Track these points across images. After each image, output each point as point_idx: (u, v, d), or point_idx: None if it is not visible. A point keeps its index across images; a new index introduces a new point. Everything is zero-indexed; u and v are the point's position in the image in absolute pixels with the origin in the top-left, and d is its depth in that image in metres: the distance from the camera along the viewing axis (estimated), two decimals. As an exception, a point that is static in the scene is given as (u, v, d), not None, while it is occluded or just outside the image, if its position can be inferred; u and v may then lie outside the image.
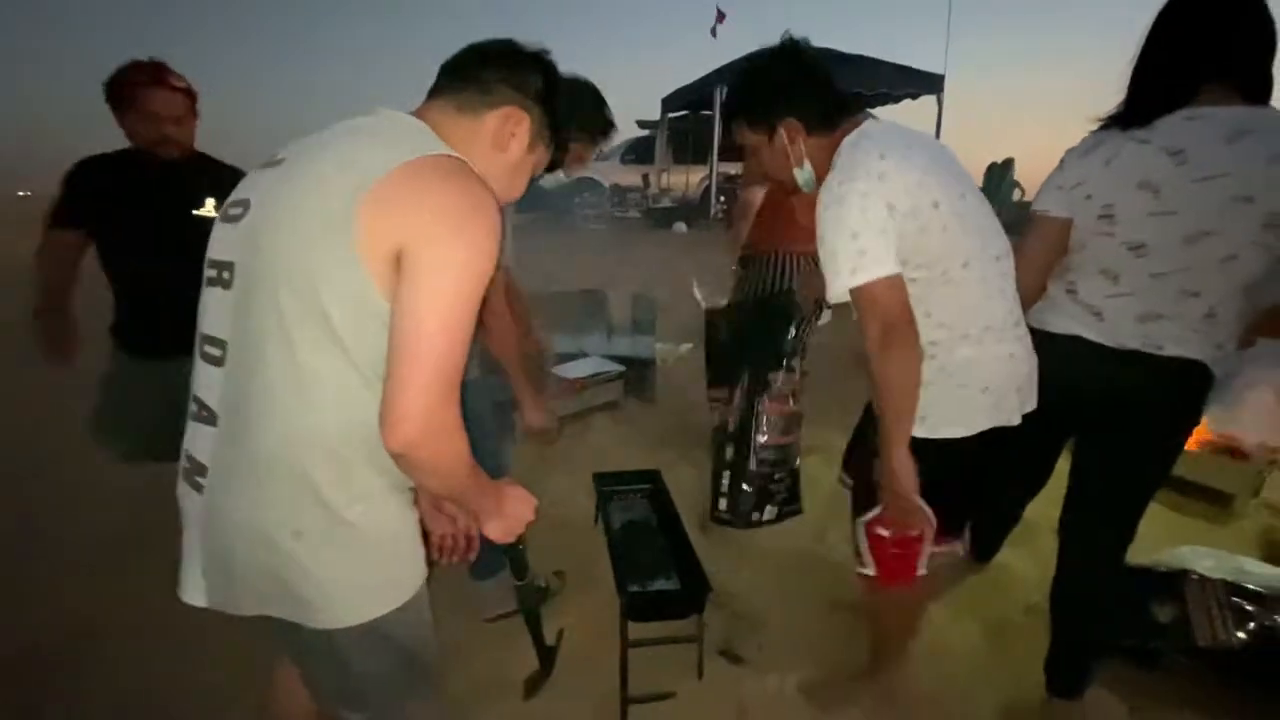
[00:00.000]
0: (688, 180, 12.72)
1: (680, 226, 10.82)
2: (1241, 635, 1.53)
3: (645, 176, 13.18)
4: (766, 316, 2.08)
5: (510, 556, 1.09)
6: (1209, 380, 1.19)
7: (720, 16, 11.03)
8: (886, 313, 1.05)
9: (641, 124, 13.67)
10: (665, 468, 2.19)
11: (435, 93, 0.85)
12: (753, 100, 1.20)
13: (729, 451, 1.99)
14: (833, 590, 1.84)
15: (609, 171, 13.04)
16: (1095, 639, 1.45)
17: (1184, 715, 1.47)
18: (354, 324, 0.71)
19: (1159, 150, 1.13)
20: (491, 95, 0.84)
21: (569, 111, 1.60)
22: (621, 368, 3.26)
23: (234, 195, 0.81)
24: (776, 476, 1.99)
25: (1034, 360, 1.22)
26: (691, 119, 12.19)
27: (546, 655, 1.37)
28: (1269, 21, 1.09)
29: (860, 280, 1.04)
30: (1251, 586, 1.65)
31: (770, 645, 1.70)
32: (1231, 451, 2.28)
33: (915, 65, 9.21)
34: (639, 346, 3.47)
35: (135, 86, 1.57)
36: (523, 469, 2.42)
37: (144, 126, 1.59)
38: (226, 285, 0.77)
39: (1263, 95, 1.10)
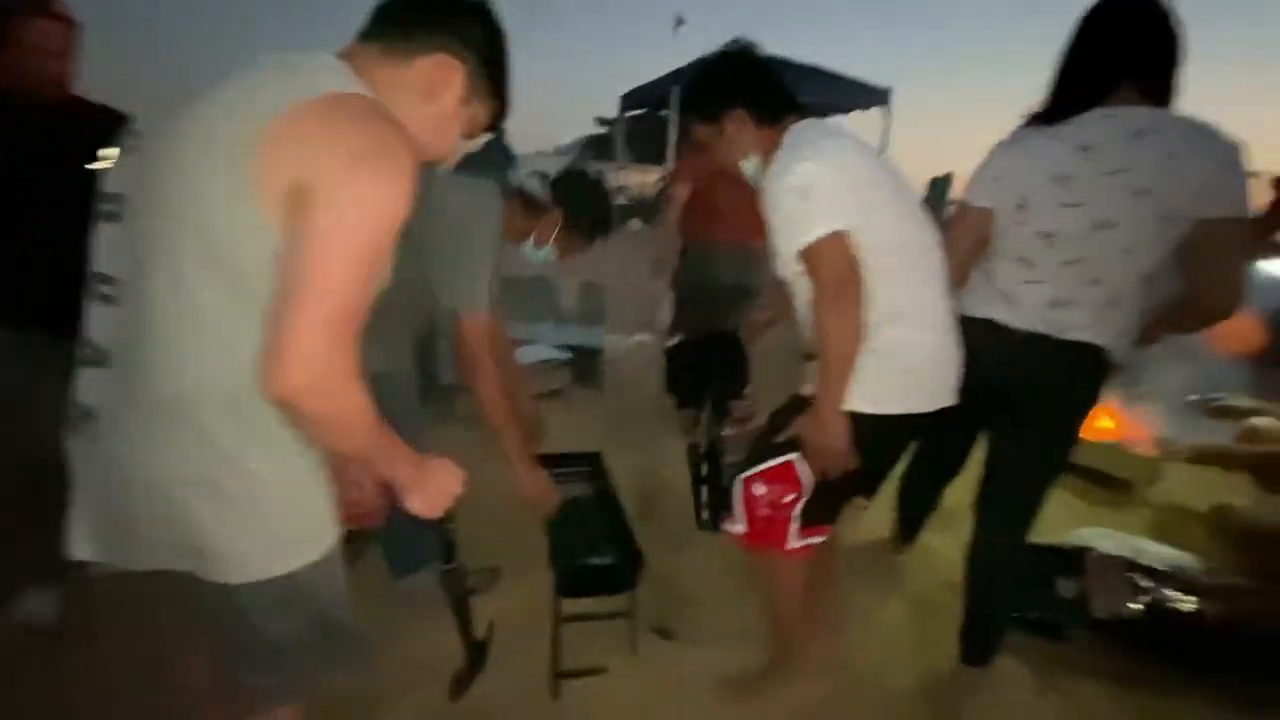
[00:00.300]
0: (644, 179, 12.75)
1: (636, 224, 10.83)
2: (1136, 607, 1.65)
3: (603, 173, 13.13)
4: (721, 350, 2.14)
5: (440, 536, 1.06)
6: (1108, 366, 1.28)
7: (679, 22, 11.14)
8: (837, 267, 1.10)
9: (600, 121, 13.63)
10: (610, 454, 2.19)
11: (365, 35, 0.81)
12: (703, 92, 1.28)
13: (704, 469, 2.10)
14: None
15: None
16: (1004, 611, 1.53)
17: (1083, 681, 1.58)
18: (251, 264, 0.67)
19: (1071, 145, 1.21)
20: (423, 40, 0.79)
21: (583, 205, 1.64)
22: (567, 355, 3.25)
23: (135, 127, 0.77)
24: None
25: (958, 355, 1.25)
26: (650, 118, 12.22)
27: (476, 649, 1.34)
28: (1176, 33, 1.19)
29: (812, 236, 1.09)
30: (1146, 563, 1.79)
31: (704, 622, 1.73)
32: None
33: (865, 79, 9.51)
34: (587, 336, 3.46)
35: (10, 16, 1.35)
36: (461, 456, 2.37)
37: (22, 62, 1.37)
38: (118, 220, 0.73)
39: (1166, 99, 1.20)
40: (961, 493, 1.77)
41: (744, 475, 1.32)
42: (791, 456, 1.26)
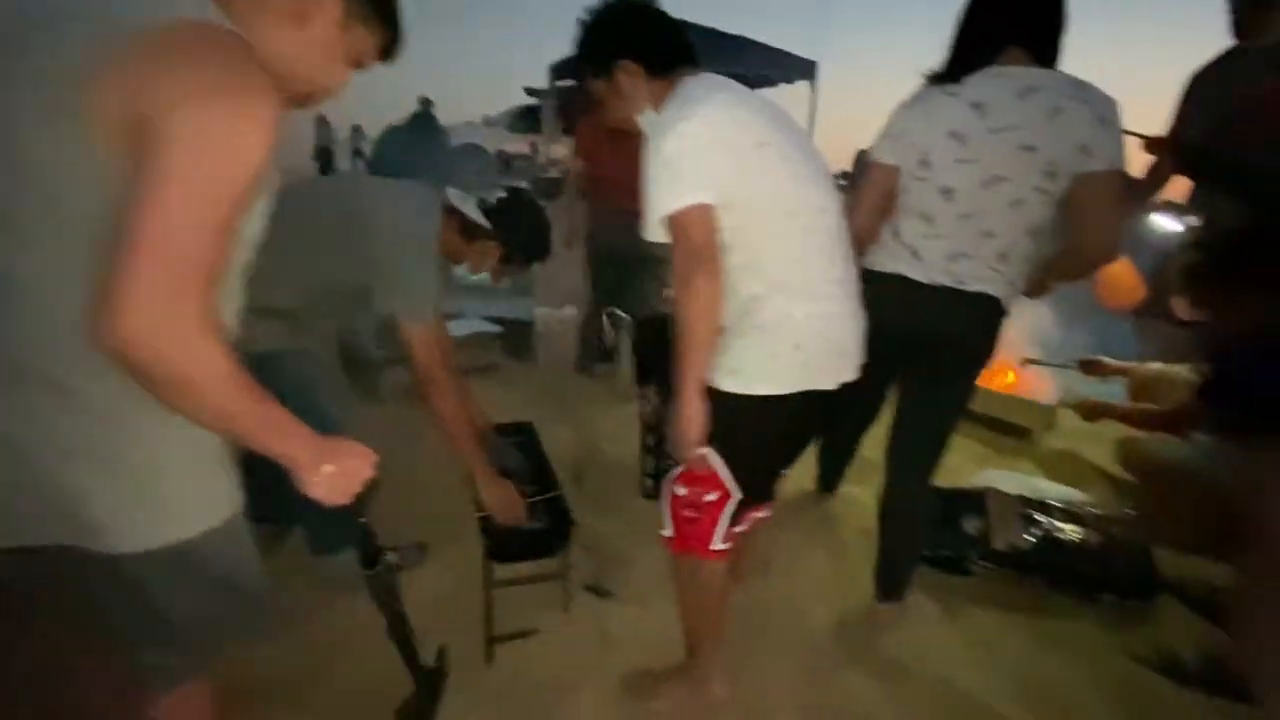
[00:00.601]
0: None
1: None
2: (1030, 539, 1.80)
3: (533, 145, 12.85)
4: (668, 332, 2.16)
5: (355, 532, 0.95)
6: (1003, 314, 1.37)
7: None
8: (694, 241, 1.03)
9: (529, 91, 13.26)
10: (542, 426, 2.18)
11: None
12: (593, 43, 1.19)
13: (651, 441, 2.16)
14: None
15: (494, 138, 12.58)
16: (914, 550, 1.64)
17: (985, 609, 1.71)
18: (95, 209, 0.61)
19: (965, 103, 1.27)
20: None
21: (522, 234, 1.56)
22: (498, 329, 3.20)
23: None
24: None
25: (859, 323, 1.20)
26: (581, 89, 11.99)
27: (426, 680, 1.21)
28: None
29: (673, 207, 1.03)
30: (1039, 499, 1.95)
31: (636, 580, 1.76)
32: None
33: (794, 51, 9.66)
34: (517, 308, 3.41)
35: None
36: (389, 434, 2.32)
37: None
38: None
39: (1051, 60, 1.27)
40: (879, 443, 1.88)
41: (669, 477, 1.26)
42: (704, 450, 1.16)
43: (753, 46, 9.03)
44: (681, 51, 1.18)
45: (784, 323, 1.10)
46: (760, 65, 9.02)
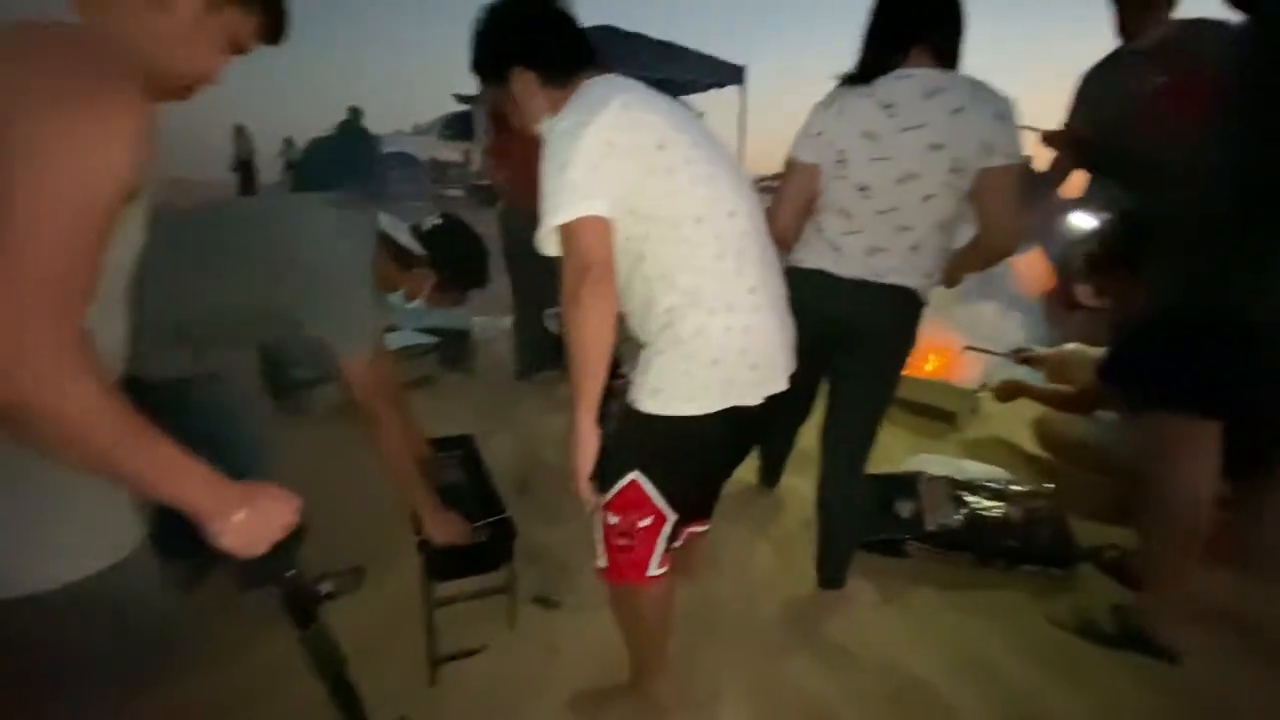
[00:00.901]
0: (511, 158, 12.41)
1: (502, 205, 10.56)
2: (958, 518, 1.89)
3: (466, 152, 12.62)
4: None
5: (281, 589, 0.82)
6: (921, 305, 1.43)
7: None
8: (586, 254, 0.96)
9: (460, 98, 13.02)
10: (485, 436, 2.14)
11: None
12: (485, 50, 1.12)
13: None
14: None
15: (427, 146, 12.28)
16: (852, 536, 1.69)
17: (920, 588, 1.78)
18: None
19: (877, 104, 1.33)
20: None
21: (459, 261, 1.49)
22: (433, 340, 3.12)
23: None
24: None
25: (784, 333, 1.16)
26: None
27: None
28: (959, 3, 1.33)
29: (565, 217, 0.96)
30: (966, 480, 2.05)
31: (584, 588, 1.75)
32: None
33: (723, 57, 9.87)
34: (453, 318, 3.33)
35: None
36: (320, 454, 2.23)
37: None
38: None
39: (953, 62, 1.35)
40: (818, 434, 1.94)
41: (599, 504, 1.17)
42: (634, 475, 1.11)
43: (681, 52, 9.16)
44: (579, 56, 1.11)
45: (701, 337, 1.05)
46: (689, 70, 9.17)
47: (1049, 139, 1.94)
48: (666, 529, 1.15)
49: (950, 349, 2.88)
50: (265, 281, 1.30)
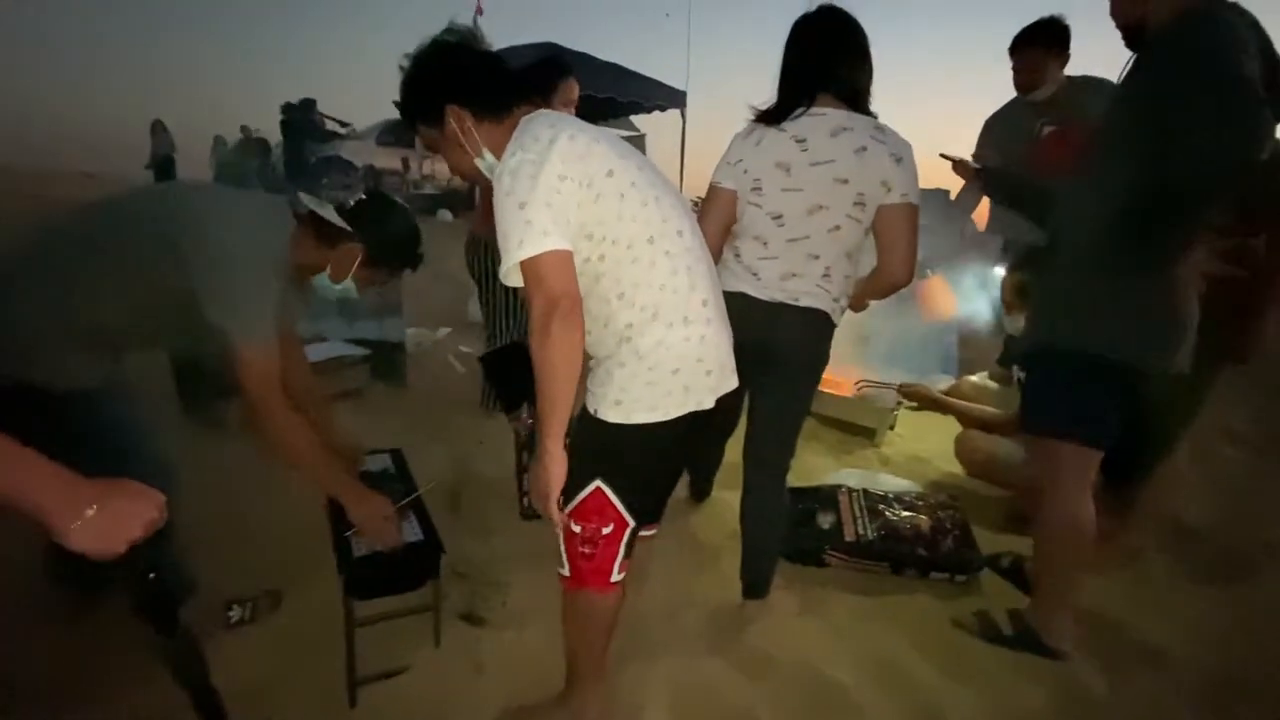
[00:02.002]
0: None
1: (445, 214, 10.38)
2: (874, 528, 2.00)
3: (405, 160, 12.36)
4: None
5: (136, 592, 0.77)
6: (832, 327, 1.53)
7: (479, 9, 10.74)
8: (551, 289, 0.99)
9: (398, 105, 12.76)
10: (414, 450, 2.10)
11: None
12: (414, 91, 1.14)
13: (527, 460, 2.13)
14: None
15: (362, 152, 11.90)
16: (774, 548, 1.76)
17: (840, 597, 1.87)
18: None
19: (790, 138, 1.43)
20: None
21: (387, 235, 1.44)
22: (364, 351, 3.04)
23: None
24: None
25: (728, 340, 1.22)
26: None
27: None
28: (864, 49, 1.45)
29: (526, 253, 0.98)
30: (881, 493, 2.16)
31: (512, 604, 1.74)
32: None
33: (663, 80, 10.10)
34: (387, 329, 3.26)
35: None
36: (235, 469, 2.14)
37: None
38: None
39: (860, 104, 1.46)
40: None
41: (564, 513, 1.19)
42: (597, 484, 1.15)
43: (627, 74, 9.33)
44: (511, 89, 1.14)
45: (662, 349, 1.10)
46: (633, 92, 9.34)
47: (957, 168, 2.11)
48: (627, 535, 1.20)
49: (845, 382, 3.06)
50: (167, 267, 1.24)
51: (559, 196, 1.01)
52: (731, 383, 1.23)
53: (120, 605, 1.43)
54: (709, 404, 1.19)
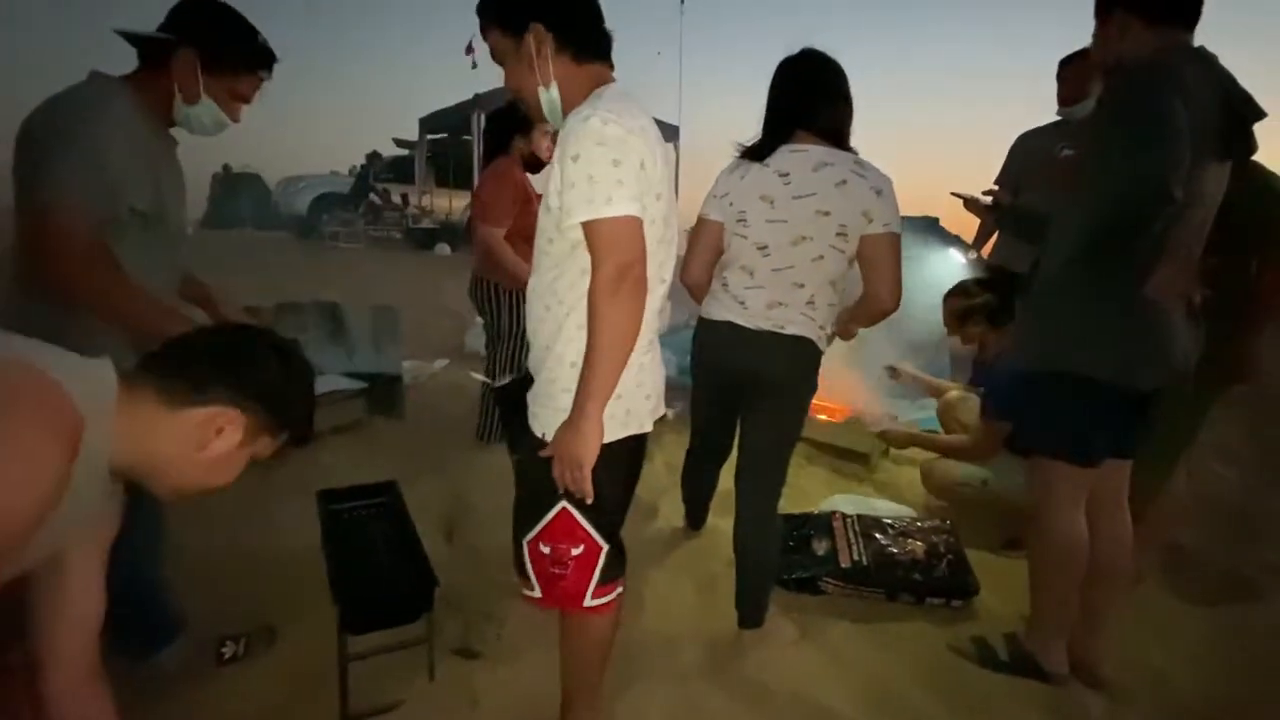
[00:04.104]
0: (451, 203, 12.45)
1: (444, 248, 10.52)
2: (869, 554, 2.00)
3: (404, 196, 12.60)
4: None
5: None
6: (818, 354, 1.57)
7: (470, 49, 11.00)
8: (630, 250, 0.99)
9: (399, 143, 13.06)
10: (409, 482, 2.11)
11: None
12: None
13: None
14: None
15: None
16: (769, 575, 1.76)
17: (837, 624, 1.86)
18: None
19: (773, 172, 1.49)
20: None
21: (204, 27, 1.21)
22: (361, 385, 3.06)
23: None
24: None
25: (662, 371, 1.24)
26: (452, 142, 12.01)
27: None
28: (842, 90, 1.52)
29: (613, 211, 0.96)
30: (875, 518, 2.17)
31: (507, 637, 1.73)
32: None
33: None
34: (384, 362, 3.29)
35: None
36: (240, 498, 2.13)
37: None
38: None
39: (839, 141, 1.52)
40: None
41: (526, 538, 1.20)
42: (563, 504, 1.15)
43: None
44: (602, 40, 1.10)
45: (643, 365, 1.13)
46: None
47: (968, 205, 2.14)
48: (602, 559, 1.19)
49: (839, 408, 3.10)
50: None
51: (640, 178, 1.01)
52: (662, 409, 1.25)
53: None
54: (648, 428, 1.21)
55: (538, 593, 1.22)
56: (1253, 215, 1.50)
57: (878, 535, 2.08)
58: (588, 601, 1.21)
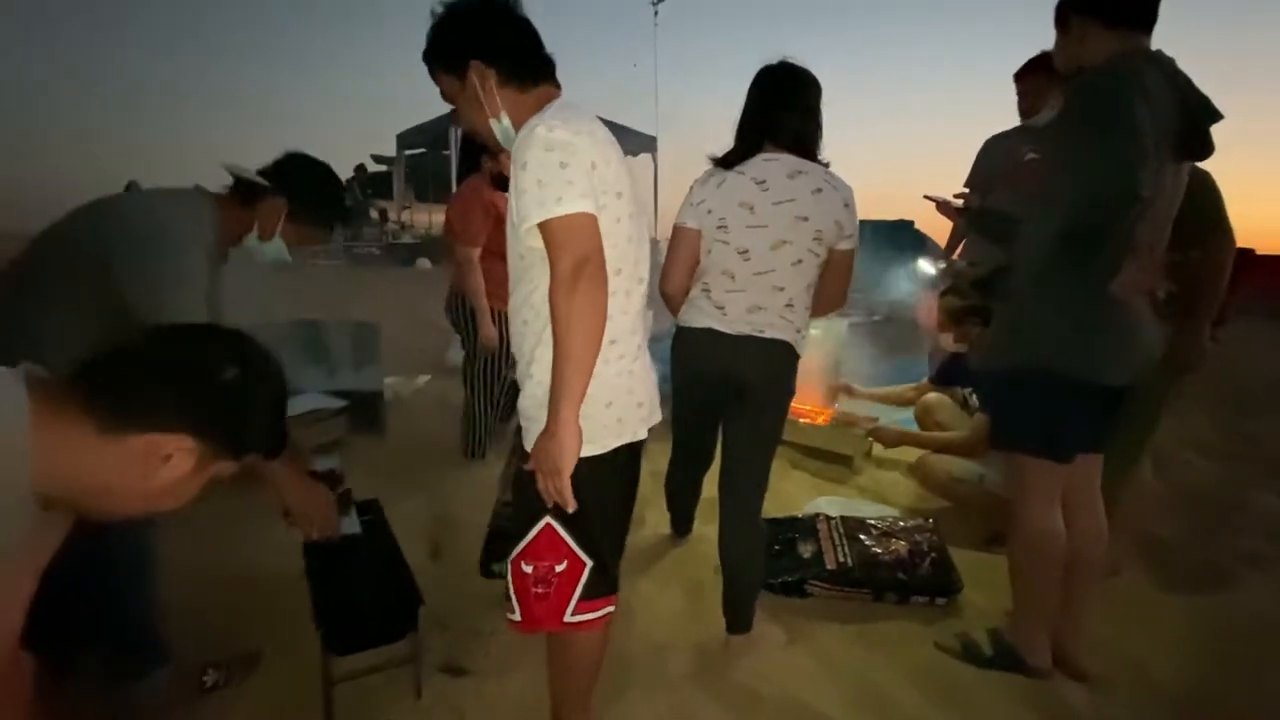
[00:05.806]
0: (430, 218, 12.43)
1: (424, 263, 10.49)
2: (854, 555, 2.01)
3: (383, 211, 12.54)
4: None
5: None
6: (796, 357, 1.59)
7: None
8: (583, 245, 0.99)
9: (377, 158, 13.02)
10: (392, 501, 2.09)
11: None
12: (443, 39, 1.12)
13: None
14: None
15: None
16: (756, 580, 1.77)
17: (825, 626, 1.87)
18: None
19: (750, 180, 1.52)
20: None
21: (309, 185, 1.43)
22: (342, 403, 3.03)
23: None
24: None
25: (653, 377, 1.25)
26: (431, 157, 12.00)
27: None
28: (812, 103, 1.56)
29: (564, 209, 0.98)
30: (859, 520, 2.19)
31: (494, 653, 1.72)
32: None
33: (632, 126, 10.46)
34: (364, 379, 3.26)
35: None
36: (218, 522, 2.10)
37: None
38: None
39: (809, 152, 1.56)
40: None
41: (510, 557, 1.19)
42: (546, 520, 1.13)
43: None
44: (541, 65, 1.13)
45: (596, 381, 1.07)
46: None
47: (940, 208, 2.17)
48: (585, 576, 1.16)
49: (822, 411, 3.13)
50: (107, 283, 1.21)
51: (590, 178, 1.02)
52: (658, 416, 1.24)
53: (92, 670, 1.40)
54: (642, 435, 1.20)
55: (518, 615, 1.20)
56: (1190, 207, 1.55)
57: (862, 536, 2.10)
58: (567, 617, 1.17)
